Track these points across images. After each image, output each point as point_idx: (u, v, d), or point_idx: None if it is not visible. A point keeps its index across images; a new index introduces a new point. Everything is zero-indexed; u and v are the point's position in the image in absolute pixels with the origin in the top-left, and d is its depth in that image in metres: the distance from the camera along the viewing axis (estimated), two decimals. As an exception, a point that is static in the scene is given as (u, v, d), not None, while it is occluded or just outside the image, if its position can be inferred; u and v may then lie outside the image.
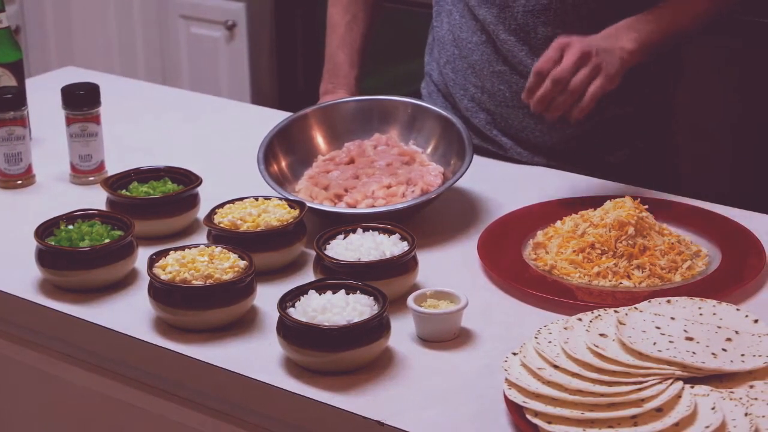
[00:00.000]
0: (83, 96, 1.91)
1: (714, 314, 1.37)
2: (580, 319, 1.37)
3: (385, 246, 1.56)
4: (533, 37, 1.92)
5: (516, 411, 1.28)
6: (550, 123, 1.90)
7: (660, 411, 1.22)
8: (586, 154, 1.99)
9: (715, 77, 2.90)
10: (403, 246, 1.57)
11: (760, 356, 1.29)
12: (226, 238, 1.61)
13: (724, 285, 1.55)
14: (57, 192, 1.92)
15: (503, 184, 1.90)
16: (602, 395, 1.24)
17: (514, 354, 1.34)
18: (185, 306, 1.48)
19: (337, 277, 1.50)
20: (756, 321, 1.35)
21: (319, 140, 1.92)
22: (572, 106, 1.74)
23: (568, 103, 1.73)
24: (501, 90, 1.97)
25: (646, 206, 1.66)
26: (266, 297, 1.54)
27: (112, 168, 1.92)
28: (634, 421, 1.22)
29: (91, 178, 1.93)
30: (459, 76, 2.02)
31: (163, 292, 1.50)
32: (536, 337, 1.34)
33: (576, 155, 1.98)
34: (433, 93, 2.11)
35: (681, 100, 2.09)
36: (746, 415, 1.21)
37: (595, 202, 1.71)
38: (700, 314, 1.37)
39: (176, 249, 1.56)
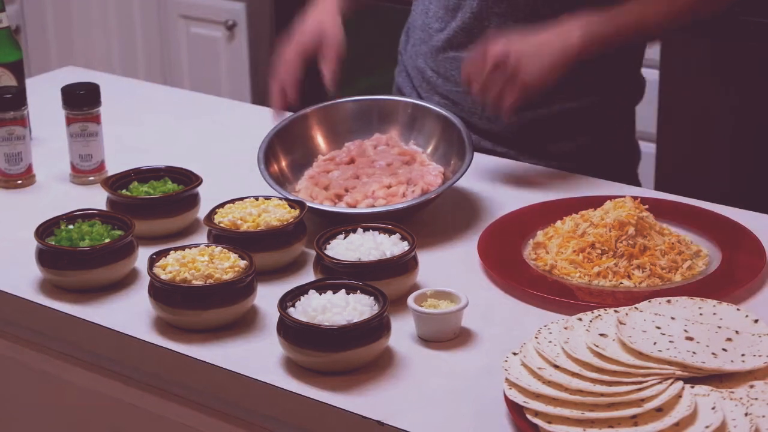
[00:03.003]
0: (83, 96, 1.91)
1: (714, 314, 1.37)
2: (580, 319, 1.37)
3: (386, 246, 1.56)
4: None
5: (516, 411, 1.28)
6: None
7: (660, 411, 1.22)
8: (530, 142, 2.02)
9: (712, 77, 2.90)
10: (404, 246, 1.57)
11: (760, 356, 1.29)
12: (226, 237, 1.61)
13: (724, 285, 1.55)
14: (57, 192, 1.92)
15: (503, 184, 1.90)
16: (602, 395, 1.24)
17: (515, 354, 1.34)
18: (185, 306, 1.48)
19: (338, 277, 1.50)
20: (756, 321, 1.35)
21: (320, 140, 1.92)
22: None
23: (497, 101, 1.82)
24: (453, 75, 2.02)
25: (647, 206, 1.66)
26: (266, 297, 1.54)
27: (113, 168, 1.92)
28: (635, 421, 1.22)
29: (92, 178, 1.93)
30: (420, 59, 2.08)
31: (163, 292, 1.50)
32: (536, 337, 1.34)
33: (520, 143, 2.01)
34: (401, 72, 2.16)
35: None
36: (746, 414, 1.21)
37: (595, 201, 1.71)
38: (701, 314, 1.37)
39: (176, 249, 1.56)
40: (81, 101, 1.91)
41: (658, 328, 1.33)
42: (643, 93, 2.09)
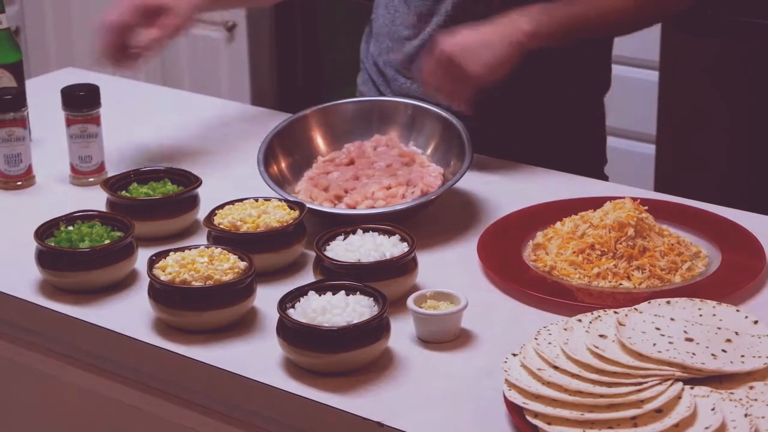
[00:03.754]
0: (83, 97, 1.91)
1: (714, 315, 1.37)
2: (579, 320, 1.37)
3: (385, 247, 1.56)
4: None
5: (516, 412, 1.28)
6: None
7: (660, 412, 1.23)
8: (500, 141, 2.02)
9: (712, 78, 2.90)
10: (403, 247, 1.57)
11: (759, 357, 1.29)
12: (226, 239, 1.61)
13: (723, 286, 1.55)
14: (57, 193, 1.92)
15: (503, 185, 1.90)
16: (602, 396, 1.24)
17: (514, 355, 1.34)
18: (185, 307, 1.48)
19: (337, 278, 1.50)
20: (756, 322, 1.35)
21: (319, 141, 1.92)
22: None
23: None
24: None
25: (646, 207, 1.66)
26: (266, 298, 1.54)
27: (112, 169, 1.92)
28: (634, 422, 1.22)
29: (91, 179, 1.93)
30: (389, 68, 2.07)
31: (163, 293, 1.50)
32: (536, 338, 1.34)
33: (490, 142, 2.01)
34: (366, 81, 2.15)
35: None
36: (746, 416, 1.21)
37: (594, 203, 1.71)
38: (700, 315, 1.37)
39: (176, 250, 1.56)
40: (81, 102, 1.91)
41: (658, 329, 1.33)
42: (609, 85, 2.10)
